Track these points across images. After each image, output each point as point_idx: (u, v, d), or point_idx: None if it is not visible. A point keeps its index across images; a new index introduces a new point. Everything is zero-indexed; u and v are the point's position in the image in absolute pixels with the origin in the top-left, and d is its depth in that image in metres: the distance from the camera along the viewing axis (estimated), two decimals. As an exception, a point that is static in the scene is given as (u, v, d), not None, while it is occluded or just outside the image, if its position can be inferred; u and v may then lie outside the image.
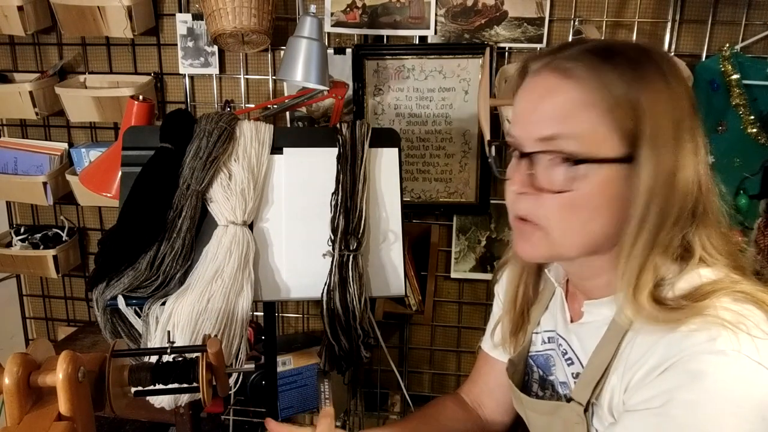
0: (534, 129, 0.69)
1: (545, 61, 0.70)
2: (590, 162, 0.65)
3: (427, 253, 1.79)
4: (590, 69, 0.66)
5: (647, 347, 0.65)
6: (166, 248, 1.05)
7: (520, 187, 0.70)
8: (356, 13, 1.66)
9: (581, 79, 0.66)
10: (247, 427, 2.01)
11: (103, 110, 1.71)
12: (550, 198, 0.68)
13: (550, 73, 0.69)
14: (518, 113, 0.72)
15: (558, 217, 0.68)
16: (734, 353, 0.59)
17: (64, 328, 2.09)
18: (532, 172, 0.69)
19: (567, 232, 0.69)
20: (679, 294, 0.66)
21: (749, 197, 1.51)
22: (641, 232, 0.66)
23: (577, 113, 0.66)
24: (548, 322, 0.89)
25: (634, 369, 0.66)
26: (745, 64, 1.46)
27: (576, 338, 0.80)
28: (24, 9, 1.66)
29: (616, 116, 0.64)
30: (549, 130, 0.67)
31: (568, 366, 0.80)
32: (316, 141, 1.18)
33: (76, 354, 0.60)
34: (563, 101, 0.67)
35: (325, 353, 1.13)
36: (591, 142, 0.65)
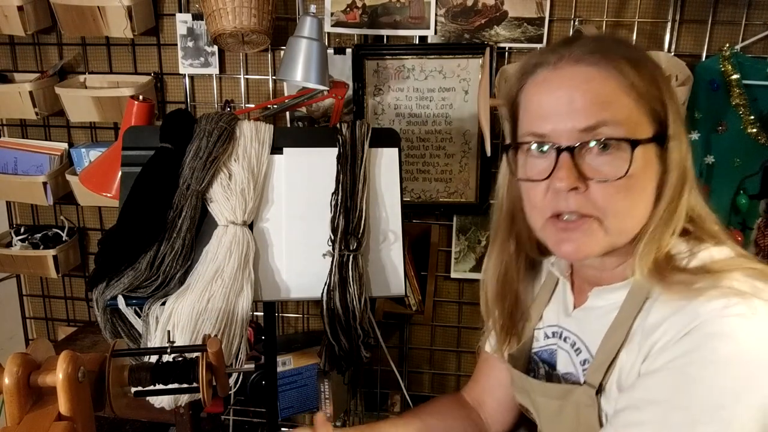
0: (574, 120, 0.67)
1: (560, 54, 0.70)
2: (640, 144, 0.67)
3: (427, 253, 1.79)
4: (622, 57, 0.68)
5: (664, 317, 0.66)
6: (166, 248, 1.06)
7: (572, 182, 0.67)
8: (356, 13, 1.66)
9: (614, 68, 0.68)
10: (247, 427, 2.01)
11: (103, 110, 1.71)
12: (605, 187, 0.67)
13: (576, 64, 0.69)
14: (546, 108, 0.70)
15: (615, 205, 0.68)
16: (752, 316, 0.61)
17: (64, 328, 2.09)
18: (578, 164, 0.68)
19: (623, 218, 0.69)
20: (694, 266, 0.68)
21: (749, 197, 1.51)
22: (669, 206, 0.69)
23: (616, 100, 0.67)
24: (550, 317, 0.88)
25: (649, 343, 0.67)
26: (745, 64, 1.46)
27: (578, 325, 0.81)
28: (24, 9, 1.66)
29: (647, 101, 0.68)
30: (592, 119, 0.67)
31: (577, 355, 0.80)
32: (316, 141, 1.18)
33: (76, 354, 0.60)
34: (602, 89, 0.67)
35: (325, 353, 1.13)
36: (631, 127, 0.67)
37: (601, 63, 0.68)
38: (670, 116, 0.70)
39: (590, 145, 0.67)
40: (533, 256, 0.88)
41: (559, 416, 0.80)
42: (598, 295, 0.78)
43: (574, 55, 0.69)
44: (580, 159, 0.68)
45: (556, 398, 0.80)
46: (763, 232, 1.52)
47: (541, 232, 0.75)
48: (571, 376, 0.81)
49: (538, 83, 0.72)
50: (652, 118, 0.69)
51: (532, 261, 0.90)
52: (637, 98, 0.68)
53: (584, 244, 0.70)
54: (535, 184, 0.72)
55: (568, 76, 0.69)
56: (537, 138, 0.71)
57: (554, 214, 0.71)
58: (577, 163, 0.68)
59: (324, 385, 1.68)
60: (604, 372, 0.73)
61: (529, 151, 0.73)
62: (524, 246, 0.86)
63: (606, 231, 0.69)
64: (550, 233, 0.73)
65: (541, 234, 0.76)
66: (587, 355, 0.78)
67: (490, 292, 0.89)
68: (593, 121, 0.67)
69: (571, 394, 0.77)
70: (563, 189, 0.68)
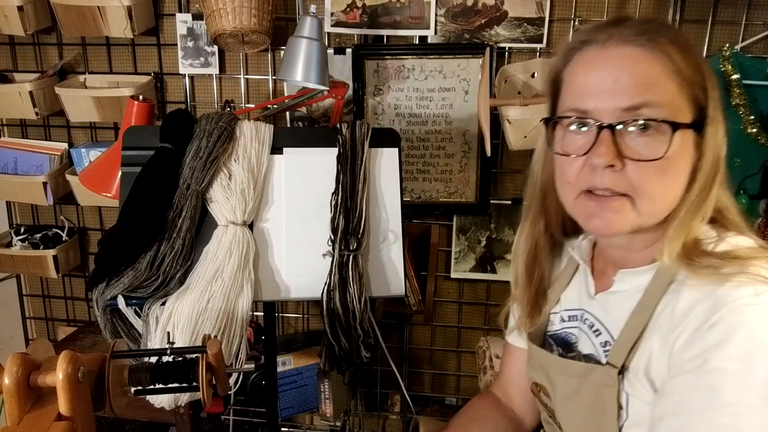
0: (617, 99, 0.69)
1: (609, 34, 0.71)
2: (679, 128, 0.68)
3: (427, 253, 1.79)
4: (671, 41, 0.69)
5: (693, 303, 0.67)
6: (166, 248, 1.05)
7: (610, 160, 0.68)
8: (356, 13, 1.66)
9: (662, 53, 0.69)
10: (247, 427, 2.01)
11: (103, 110, 1.71)
12: (641, 167, 0.69)
13: (625, 45, 0.70)
14: (591, 86, 0.71)
15: (649, 186, 0.69)
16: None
17: (64, 328, 2.09)
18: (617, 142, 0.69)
19: (655, 200, 0.70)
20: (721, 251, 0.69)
21: (749, 197, 1.51)
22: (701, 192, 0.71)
23: (660, 82, 0.68)
24: (569, 301, 0.89)
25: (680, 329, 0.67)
26: (745, 64, 1.46)
27: (601, 308, 0.81)
28: (24, 9, 1.66)
29: (690, 86, 0.69)
30: (636, 99, 0.68)
31: (596, 336, 0.81)
32: (316, 141, 1.18)
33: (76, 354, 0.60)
34: (647, 71, 0.68)
35: (325, 353, 1.13)
36: (673, 110, 0.68)
37: (648, 45, 0.69)
38: (711, 104, 0.71)
39: (631, 124, 0.68)
40: (557, 236, 0.90)
41: (575, 395, 0.80)
42: (622, 279, 0.79)
43: (623, 35, 0.70)
44: (620, 138, 0.69)
45: (576, 376, 0.80)
46: (763, 232, 1.52)
47: (572, 207, 0.76)
48: (592, 357, 0.81)
49: (585, 61, 0.73)
50: (693, 104, 0.70)
51: (554, 243, 0.91)
52: (681, 83, 0.69)
53: (614, 221, 0.71)
54: (572, 159, 0.73)
55: (616, 56, 0.70)
56: (579, 114, 0.72)
57: (587, 190, 0.72)
58: (617, 141, 0.69)
59: (324, 385, 1.68)
60: (627, 353, 0.73)
61: (569, 127, 0.74)
62: (551, 224, 0.88)
63: (637, 211, 0.70)
64: (582, 208, 0.74)
65: (572, 209, 0.77)
66: (608, 336, 0.79)
67: (521, 266, 0.91)
68: (636, 101, 0.68)
69: (591, 373, 0.77)
70: (601, 165, 0.69)
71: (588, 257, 0.87)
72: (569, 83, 0.75)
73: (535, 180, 0.87)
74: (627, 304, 0.76)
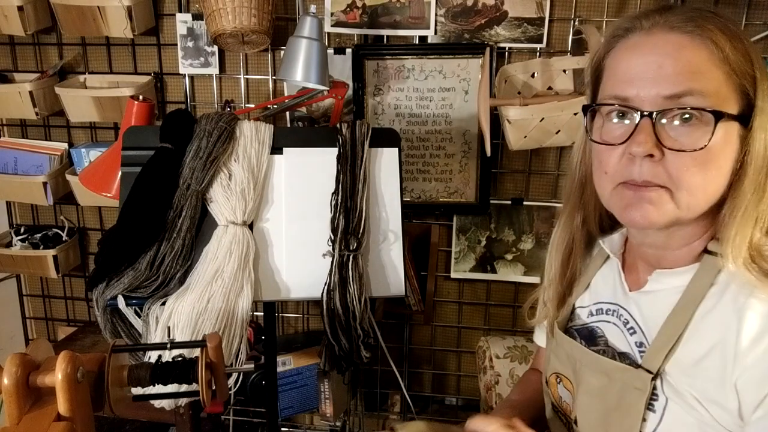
0: (660, 87, 0.66)
1: (654, 20, 0.69)
2: (723, 118, 0.65)
3: (427, 253, 1.79)
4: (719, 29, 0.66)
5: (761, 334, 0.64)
6: (166, 248, 1.05)
7: (649, 149, 0.66)
8: (356, 13, 1.66)
9: (709, 40, 0.66)
10: (247, 427, 2.01)
11: (103, 110, 1.71)
12: (681, 157, 0.66)
13: (670, 31, 0.68)
14: (634, 72, 0.69)
15: (688, 177, 0.66)
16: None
17: (64, 328, 2.09)
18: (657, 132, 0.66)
19: (695, 192, 0.67)
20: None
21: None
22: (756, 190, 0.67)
23: (706, 71, 0.66)
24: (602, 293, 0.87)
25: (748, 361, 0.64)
26: (745, 64, 1.46)
27: (636, 307, 0.79)
28: (24, 9, 1.66)
29: (737, 77, 0.66)
30: (679, 87, 0.65)
31: (631, 335, 0.79)
32: (316, 141, 1.18)
33: (76, 354, 0.60)
34: (693, 58, 0.66)
35: (325, 353, 1.13)
36: (718, 100, 0.65)
37: (695, 32, 0.66)
38: (759, 95, 0.67)
39: (673, 113, 0.66)
40: (594, 232, 0.87)
41: (601, 391, 0.78)
42: (658, 279, 0.76)
43: (669, 22, 0.68)
44: (661, 127, 0.67)
45: (605, 374, 0.78)
46: (763, 232, 1.52)
47: (609, 199, 0.74)
48: (629, 356, 0.79)
49: (629, 47, 0.70)
50: (740, 96, 0.67)
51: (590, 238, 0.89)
52: (728, 72, 0.66)
53: (651, 213, 0.69)
54: (610, 148, 0.70)
55: (661, 43, 0.68)
56: (619, 101, 0.70)
57: (625, 181, 0.70)
58: (657, 130, 0.67)
59: (324, 385, 1.67)
60: (663, 358, 0.71)
61: (609, 115, 0.72)
62: (589, 218, 0.85)
63: (676, 204, 0.68)
64: (619, 199, 0.71)
65: (609, 201, 0.74)
66: (642, 338, 0.77)
67: (557, 261, 0.89)
68: (680, 89, 0.65)
69: (623, 374, 0.75)
70: (640, 154, 0.67)
71: (620, 251, 0.84)
72: (611, 70, 0.73)
73: (574, 173, 0.84)
74: (662, 306, 0.73)
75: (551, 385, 0.91)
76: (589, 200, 0.83)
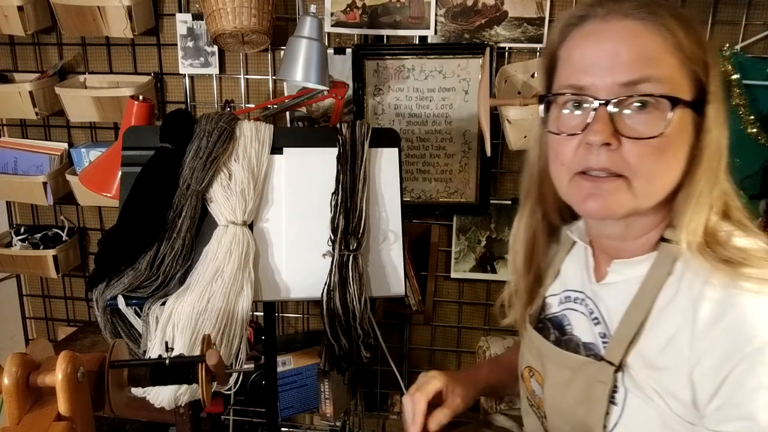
0: (615, 74, 0.66)
1: (609, 8, 0.69)
2: (679, 104, 0.65)
3: (427, 253, 1.79)
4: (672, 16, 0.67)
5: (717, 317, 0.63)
6: (166, 248, 1.06)
7: (606, 137, 0.65)
8: (356, 13, 1.66)
9: (662, 25, 0.66)
10: (247, 427, 2.01)
11: (103, 110, 1.71)
12: (638, 145, 0.66)
13: (625, 18, 0.67)
14: (589, 61, 0.68)
15: (645, 165, 0.66)
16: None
17: (64, 328, 2.09)
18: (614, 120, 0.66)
19: (652, 180, 0.67)
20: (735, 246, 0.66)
21: (749, 197, 1.51)
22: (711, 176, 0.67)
23: (661, 57, 0.66)
24: (571, 281, 0.86)
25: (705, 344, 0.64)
26: (745, 64, 1.46)
27: (600, 298, 0.79)
28: (24, 9, 1.66)
29: (691, 63, 0.67)
30: (635, 74, 0.65)
31: (595, 325, 0.78)
32: (316, 141, 1.18)
33: (76, 354, 0.60)
34: (649, 45, 0.66)
35: (325, 353, 1.13)
36: (673, 86, 0.66)
37: (649, 19, 0.66)
38: (712, 81, 0.68)
39: (629, 100, 0.66)
40: (555, 222, 0.87)
41: (567, 386, 0.78)
42: (617, 270, 0.76)
43: (622, 9, 0.68)
44: (617, 115, 0.66)
45: (570, 368, 0.78)
46: (763, 232, 1.52)
47: (566, 190, 0.73)
48: (593, 346, 0.79)
49: (584, 35, 0.70)
50: (694, 82, 0.67)
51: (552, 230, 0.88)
52: (682, 59, 0.66)
53: (610, 203, 0.68)
54: (567, 138, 0.70)
55: (616, 30, 0.67)
56: (576, 90, 0.69)
57: (582, 171, 0.69)
58: (614, 118, 0.66)
59: (324, 385, 1.68)
60: (625, 349, 0.71)
61: (565, 105, 0.71)
62: (549, 212, 0.85)
63: (634, 193, 0.67)
64: (576, 190, 0.71)
65: (567, 192, 0.74)
66: (605, 329, 0.77)
67: (520, 257, 0.88)
68: (636, 76, 0.65)
69: (587, 368, 0.75)
70: (597, 143, 0.66)
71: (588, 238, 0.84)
72: (566, 60, 0.72)
73: (532, 167, 0.83)
74: (623, 296, 0.73)
75: (525, 379, 0.90)
76: (548, 193, 0.83)
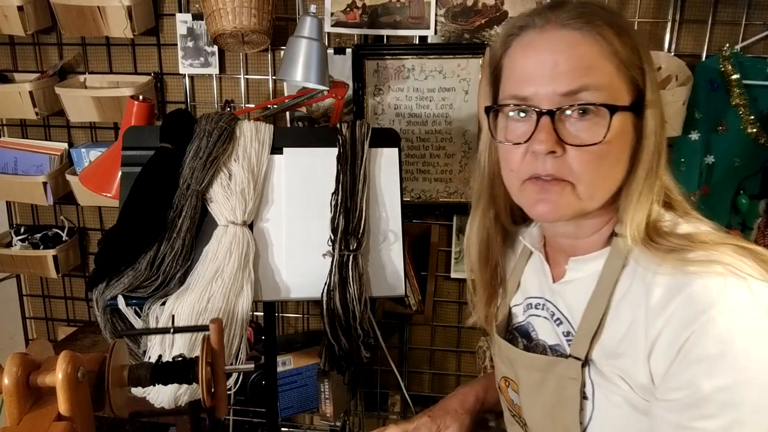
0: (555, 84, 0.68)
1: (546, 18, 0.71)
2: (618, 111, 0.68)
3: (427, 253, 1.79)
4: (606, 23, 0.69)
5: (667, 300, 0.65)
6: (166, 248, 1.06)
7: (551, 146, 0.68)
8: (356, 13, 1.66)
9: (598, 33, 0.68)
10: (247, 427, 2.01)
11: (103, 110, 1.71)
12: (581, 152, 0.68)
13: (562, 29, 0.70)
14: (530, 71, 0.71)
15: (588, 170, 0.69)
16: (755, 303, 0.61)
17: (64, 328, 2.09)
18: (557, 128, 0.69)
19: (595, 184, 0.70)
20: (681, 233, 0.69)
21: (749, 197, 1.51)
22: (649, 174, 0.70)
23: (598, 65, 0.68)
24: (531, 289, 0.89)
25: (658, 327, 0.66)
26: (745, 64, 1.46)
27: (560, 298, 0.81)
28: (24, 9, 1.66)
29: (627, 68, 0.69)
30: (574, 84, 0.68)
31: (558, 326, 0.80)
32: (316, 141, 1.18)
33: (76, 354, 0.60)
34: (586, 54, 0.68)
35: (325, 353, 1.13)
36: (612, 93, 0.68)
37: (585, 28, 0.69)
38: (648, 85, 0.71)
39: (569, 110, 0.68)
40: (507, 225, 0.89)
41: (539, 388, 0.80)
42: (575, 267, 0.79)
43: (560, 19, 0.70)
44: (560, 123, 0.69)
45: (540, 370, 0.80)
46: (763, 232, 1.52)
47: (517, 195, 0.77)
48: (559, 347, 0.81)
49: (524, 45, 0.72)
50: (631, 86, 0.70)
51: (506, 232, 0.91)
52: (618, 65, 0.69)
53: (557, 206, 0.71)
54: (515, 147, 0.73)
55: (554, 40, 0.70)
56: (519, 101, 0.72)
57: (531, 177, 0.72)
58: (557, 127, 0.69)
59: (324, 385, 1.68)
60: (589, 343, 0.73)
61: (510, 114, 0.73)
62: (500, 213, 0.87)
63: (579, 196, 0.71)
64: (526, 195, 0.74)
65: (518, 197, 0.77)
66: (569, 327, 0.79)
67: (474, 255, 0.90)
68: (575, 85, 0.68)
69: (555, 367, 0.77)
70: (542, 152, 0.69)
71: (540, 243, 0.87)
72: (509, 69, 0.74)
73: (483, 171, 0.86)
74: (583, 292, 0.75)
75: (503, 390, 0.92)
76: (499, 196, 0.85)
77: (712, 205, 1.51)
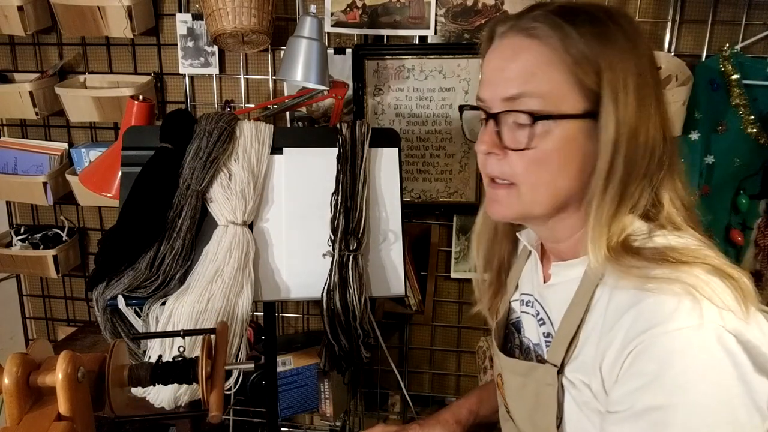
0: (501, 89, 0.71)
1: (511, 23, 0.73)
2: (550, 119, 0.68)
3: (427, 253, 1.79)
4: (553, 28, 0.68)
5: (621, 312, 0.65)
6: (166, 248, 1.06)
7: (488, 147, 0.72)
8: (356, 13, 1.66)
9: (544, 39, 0.68)
10: (247, 427, 2.01)
11: (103, 110, 1.71)
12: (517, 156, 0.71)
13: (516, 34, 0.71)
14: (486, 76, 0.74)
15: (525, 175, 0.71)
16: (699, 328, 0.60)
17: (64, 328, 2.09)
18: (498, 131, 0.71)
19: (536, 188, 0.72)
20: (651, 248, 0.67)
21: (749, 197, 1.51)
22: (609, 185, 0.68)
23: (540, 72, 0.68)
24: (525, 285, 0.90)
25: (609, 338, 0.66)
26: (745, 64, 1.46)
27: (546, 299, 0.82)
28: (24, 9, 1.66)
29: (577, 74, 0.67)
30: (514, 90, 0.69)
31: (540, 326, 0.81)
32: (316, 141, 1.18)
33: (76, 354, 0.60)
34: (528, 61, 0.69)
35: (325, 353, 1.13)
36: (554, 100, 0.68)
37: (541, 33, 0.69)
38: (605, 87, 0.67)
39: (507, 114, 0.70)
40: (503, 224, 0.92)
41: (521, 392, 0.81)
42: (557, 272, 0.80)
43: (518, 25, 0.71)
44: (504, 126, 0.71)
45: (520, 375, 0.81)
46: (763, 232, 1.52)
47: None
48: (538, 348, 0.82)
49: (490, 51, 0.75)
50: (584, 94, 0.68)
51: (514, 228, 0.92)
52: (566, 71, 0.67)
53: (502, 207, 0.75)
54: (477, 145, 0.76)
55: (506, 47, 0.72)
56: (479, 103, 0.75)
57: (489, 178, 0.76)
58: (501, 130, 0.71)
59: (324, 385, 1.68)
60: (565, 350, 0.73)
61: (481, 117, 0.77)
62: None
63: (521, 198, 0.72)
64: (487, 194, 0.78)
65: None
66: (550, 328, 0.79)
67: (482, 248, 0.93)
68: (515, 91, 0.69)
69: (534, 372, 0.78)
70: (481, 152, 0.74)
71: (536, 242, 0.87)
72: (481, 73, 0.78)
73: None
74: (563, 298, 0.76)
75: (499, 386, 0.93)
76: None
77: (712, 205, 1.50)
